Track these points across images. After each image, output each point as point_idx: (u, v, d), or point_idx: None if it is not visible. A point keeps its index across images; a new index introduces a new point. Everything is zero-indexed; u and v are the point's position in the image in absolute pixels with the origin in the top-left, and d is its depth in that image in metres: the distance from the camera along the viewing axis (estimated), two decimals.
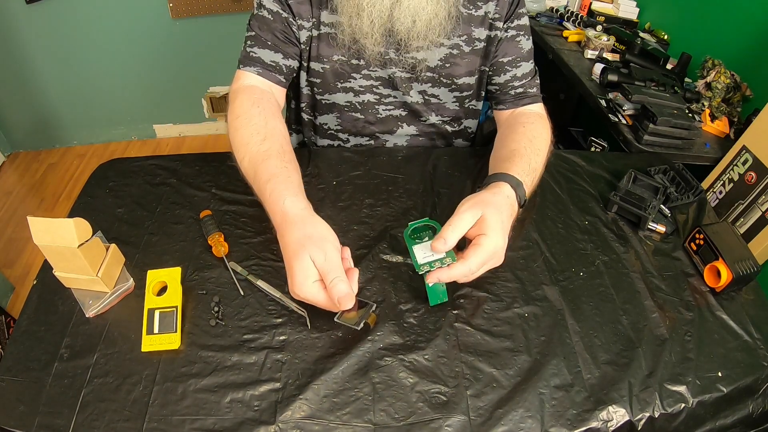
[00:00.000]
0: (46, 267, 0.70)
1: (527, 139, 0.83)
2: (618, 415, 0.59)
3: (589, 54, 1.63)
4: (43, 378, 0.60)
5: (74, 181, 2.43)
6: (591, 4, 1.86)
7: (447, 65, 0.90)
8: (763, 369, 0.65)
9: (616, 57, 1.58)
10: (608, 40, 1.63)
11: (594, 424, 0.58)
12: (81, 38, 2.27)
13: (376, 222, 0.80)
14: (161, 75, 2.49)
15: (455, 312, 0.68)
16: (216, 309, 0.67)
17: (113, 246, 0.70)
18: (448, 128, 1.02)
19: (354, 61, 0.88)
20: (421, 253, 0.65)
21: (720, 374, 0.64)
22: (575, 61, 1.62)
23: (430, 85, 0.93)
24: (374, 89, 0.93)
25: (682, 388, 0.62)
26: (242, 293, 0.69)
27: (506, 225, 0.67)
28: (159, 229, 0.78)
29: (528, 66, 0.93)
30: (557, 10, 1.90)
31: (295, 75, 0.92)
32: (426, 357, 0.63)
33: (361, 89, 0.93)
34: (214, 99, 2.64)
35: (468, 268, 0.63)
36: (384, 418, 0.57)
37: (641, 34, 1.71)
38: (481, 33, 0.88)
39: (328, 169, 0.90)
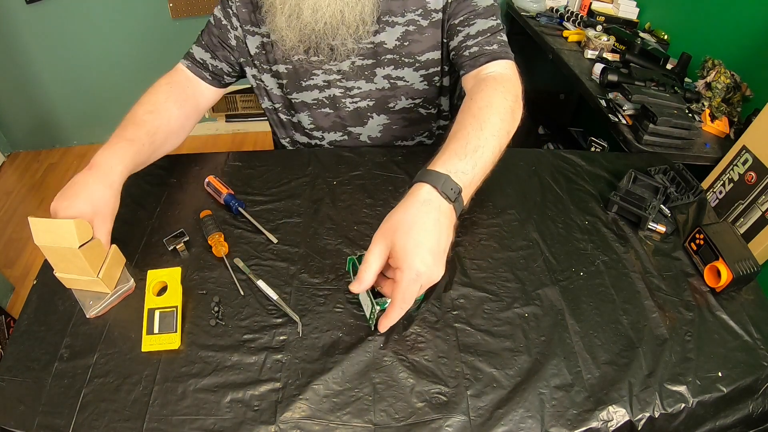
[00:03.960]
0: (46, 267, 0.70)
1: (471, 115, 0.72)
2: (618, 415, 0.59)
3: (589, 54, 1.63)
4: (43, 378, 0.60)
5: None
6: (591, 4, 1.86)
7: (406, 43, 0.87)
8: (763, 369, 0.65)
9: (616, 57, 1.58)
10: (608, 40, 1.63)
11: (594, 424, 0.58)
12: (81, 38, 2.27)
13: (376, 222, 0.80)
14: (161, 75, 2.48)
15: (455, 312, 0.68)
16: (216, 309, 0.67)
17: (114, 247, 0.70)
18: (422, 111, 0.98)
19: (313, 58, 0.88)
20: (368, 302, 0.65)
21: (720, 374, 0.64)
22: (575, 61, 1.62)
23: (392, 67, 0.90)
24: (337, 83, 0.93)
25: (682, 388, 0.62)
26: (242, 293, 0.69)
27: (429, 236, 0.59)
28: (159, 229, 0.78)
29: (485, 23, 0.83)
30: (557, 10, 1.90)
31: (257, 81, 0.97)
32: (426, 357, 0.63)
33: (325, 84, 0.93)
34: None
35: (400, 307, 0.60)
36: (384, 418, 0.57)
37: (641, 34, 1.72)
38: (437, 3, 0.85)
39: (328, 169, 0.90)
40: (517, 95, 0.78)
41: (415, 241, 0.59)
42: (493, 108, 0.72)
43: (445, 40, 0.89)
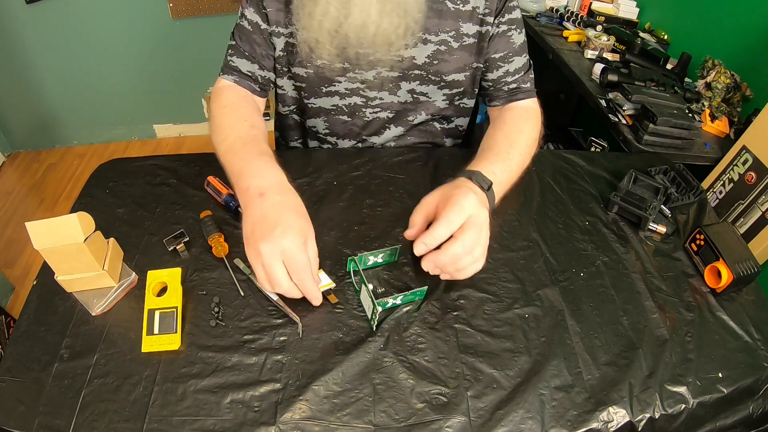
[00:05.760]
0: (46, 267, 0.70)
1: (503, 134, 0.83)
2: (618, 415, 0.59)
3: (589, 54, 1.63)
4: (43, 378, 0.60)
5: (74, 181, 2.43)
6: (591, 4, 1.86)
7: (435, 62, 0.88)
8: (764, 370, 0.65)
9: (616, 57, 1.58)
10: (608, 40, 1.63)
11: (594, 425, 0.58)
12: (81, 38, 2.27)
13: (376, 222, 0.80)
14: (161, 75, 2.49)
15: (455, 313, 0.68)
16: (216, 309, 0.67)
17: (112, 240, 0.70)
18: (437, 125, 1.00)
19: (338, 64, 0.87)
20: (369, 302, 0.65)
21: (720, 375, 0.64)
22: (575, 61, 1.62)
23: (418, 83, 0.91)
24: (360, 92, 0.92)
25: (682, 389, 0.62)
26: (242, 294, 0.69)
27: (472, 198, 0.65)
28: (159, 229, 0.78)
29: (521, 60, 0.92)
30: (557, 10, 1.90)
31: (274, 82, 0.94)
32: (426, 358, 0.63)
33: (347, 92, 0.92)
34: None
35: (448, 221, 0.62)
36: (384, 419, 0.57)
37: (641, 34, 1.72)
38: (470, 28, 0.87)
39: (328, 169, 0.90)
40: (540, 128, 0.90)
41: (475, 197, 0.66)
42: (524, 134, 0.85)
43: (482, 66, 0.92)
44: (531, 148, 0.85)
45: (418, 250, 0.64)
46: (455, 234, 0.63)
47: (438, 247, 0.64)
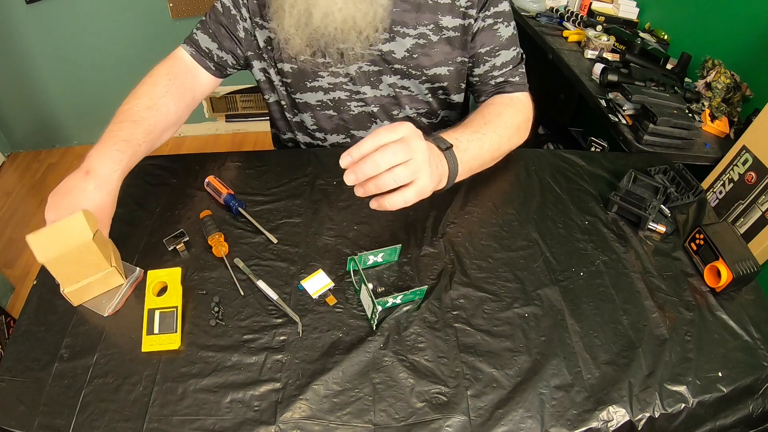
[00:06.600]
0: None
1: (480, 115, 0.83)
2: (618, 415, 0.59)
3: (589, 54, 1.63)
4: (43, 378, 0.60)
5: None
6: (591, 4, 1.86)
7: (415, 56, 0.88)
8: (763, 369, 0.65)
9: (616, 57, 1.58)
10: (608, 40, 1.63)
11: (594, 425, 0.58)
12: (81, 38, 2.27)
13: (376, 222, 0.80)
14: None
15: (455, 312, 0.68)
16: (216, 309, 0.67)
17: (110, 239, 0.70)
18: (425, 120, 1.00)
19: (320, 59, 0.87)
20: (369, 302, 0.65)
21: (720, 374, 0.64)
22: (575, 61, 1.62)
23: (399, 77, 0.91)
24: (343, 86, 0.92)
25: (682, 388, 0.62)
26: (242, 293, 0.69)
27: (422, 138, 0.64)
28: (159, 229, 0.78)
29: (509, 54, 0.90)
30: (557, 10, 1.90)
31: (265, 75, 0.95)
32: (426, 357, 0.63)
33: (330, 86, 0.92)
34: (213, 99, 2.64)
35: (375, 135, 0.61)
36: (384, 418, 0.57)
37: (641, 34, 1.72)
38: (451, 21, 0.86)
39: (328, 169, 0.90)
40: (528, 118, 0.88)
41: (418, 132, 0.64)
42: (503, 117, 0.83)
43: (468, 62, 0.91)
44: (511, 132, 0.83)
45: (343, 161, 0.61)
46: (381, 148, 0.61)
47: None
